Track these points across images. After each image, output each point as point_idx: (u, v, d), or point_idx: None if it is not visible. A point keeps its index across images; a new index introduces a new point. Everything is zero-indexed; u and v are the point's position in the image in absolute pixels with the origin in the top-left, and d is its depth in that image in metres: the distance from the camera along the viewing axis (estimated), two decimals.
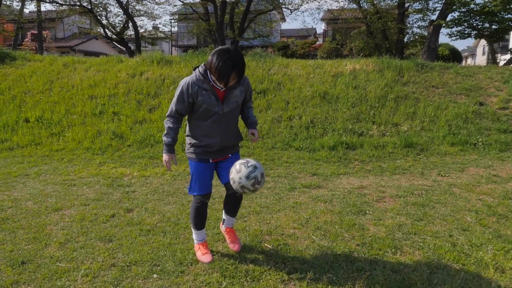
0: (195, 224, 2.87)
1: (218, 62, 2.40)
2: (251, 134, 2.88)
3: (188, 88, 2.57)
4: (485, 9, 13.83)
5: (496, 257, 2.86)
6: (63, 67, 10.38)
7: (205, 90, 2.58)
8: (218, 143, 2.71)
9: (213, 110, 2.62)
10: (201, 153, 2.73)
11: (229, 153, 2.83)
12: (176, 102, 2.63)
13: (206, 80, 2.58)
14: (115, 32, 21.95)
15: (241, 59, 2.47)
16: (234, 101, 2.69)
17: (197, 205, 2.81)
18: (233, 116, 2.75)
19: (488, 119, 7.51)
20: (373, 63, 9.56)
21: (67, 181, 5.07)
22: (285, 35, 36.78)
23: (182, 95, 2.59)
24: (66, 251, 3.03)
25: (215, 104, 2.61)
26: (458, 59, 20.03)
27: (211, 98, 2.59)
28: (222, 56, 2.41)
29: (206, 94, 2.58)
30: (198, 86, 2.57)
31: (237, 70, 2.45)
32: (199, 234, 2.91)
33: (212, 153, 2.75)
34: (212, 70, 2.46)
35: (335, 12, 22.90)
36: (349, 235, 3.30)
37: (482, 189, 4.59)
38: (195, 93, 2.57)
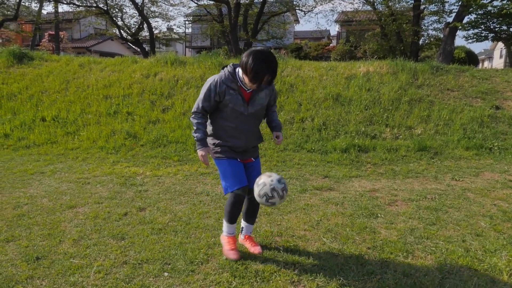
0: (229, 218, 2.83)
1: (254, 63, 2.43)
2: (276, 137, 2.90)
3: (216, 86, 2.59)
4: (503, 11, 13.60)
5: (511, 263, 2.81)
6: (79, 67, 10.56)
7: (233, 90, 2.61)
8: (243, 144, 2.74)
9: (238, 110, 2.64)
10: (228, 151, 2.74)
11: (251, 156, 2.86)
12: (203, 99, 2.63)
13: (235, 80, 2.61)
14: (130, 33, 22.25)
15: (276, 62, 2.51)
16: (259, 103, 2.72)
17: (234, 201, 2.74)
18: (257, 118, 2.79)
19: (504, 123, 7.37)
20: (387, 65, 9.48)
21: (81, 179, 5.16)
22: (299, 37, 36.71)
23: (210, 92, 2.60)
24: (79, 248, 3.08)
25: (241, 104, 2.64)
26: (474, 62, 19.71)
27: (238, 98, 2.62)
28: (258, 57, 2.44)
29: (233, 94, 2.61)
30: (226, 85, 2.59)
31: (271, 72, 2.48)
32: (231, 228, 2.89)
33: (236, 153, 2.77)
34: (248, 70, 2.47)
35: (349, 14, 22.77)
36: (360, 238, 3.28)
37: (497, 194, 4.51)
38: (222, 92, 2.59)
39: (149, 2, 21.86)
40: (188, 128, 7.43)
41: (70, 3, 20.59)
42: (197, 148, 2.70)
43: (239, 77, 2.61)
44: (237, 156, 2.78)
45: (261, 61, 2.44)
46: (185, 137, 7.07)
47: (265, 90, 2.72)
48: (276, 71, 2.52)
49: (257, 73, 2.45)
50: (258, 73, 2.45)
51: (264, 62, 2.44)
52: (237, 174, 2.74)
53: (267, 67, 2.45)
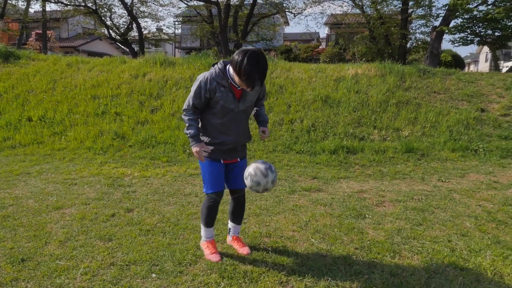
0: (206, 222, 2.88)
1: (246, 65, 2.42)
2: (262, 131, 2.91)
3: (207, 83, 2.58)
4: (488, 16, 13.86)
5: (495, 263, 2.86)
6: (67, 67, 10.43)
7: (223, 87, 2.60)
8: (232, 141, 2.74)
9: (229, 107, 2.64)
10: (214, 152, 2.73)
11: (238, 156, 2.86)
12: (193, 97, 2.62)
13: (225, 77, 2.61)
14: (119, 33, 22.06)
15: (267, 63, 2.52)
16: (249, 100, 2.73)
17: (209, 204, 2.82)
18: (246, 115, 2.80)
19: (489, 125, 7.52)
20: (375, 68, 9.59)
21: (68, 180, 5.09)
22: (288, 38, 36.87)
23: (200, 90, 2.60)
24: (66, 249, 3.04)
25: (231, 101, 2.64)
26: (460, 66, 20.04)
27: (229, 95, 2.62)
28: (251, 59, 2.43)
29: (224, 91, 2.60)
30: (216, 82, 2.59)
31: (262, 75, 2.50)
32: (208, 232, 2.93)
33: (224, 153, 2.76)
34: (240, 72, 2.46)
35: (339, 16, 22.96)
36: (348, 238, 3.30)
37: (482, 195, 4.60)
38: (213, 89, 2.58)
39: (138, 2, 21.70)
40: (177, 129, 7.40)
41: (58, 2, 20.34)
42: (191, 145, 2.68)
43: (230, 74, 2.61)
44: (222, 157, 2.77)
45: (253, 64, 2.43)
46: (174, 138, 7.04)
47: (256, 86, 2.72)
48: (266, 73, 2.54)
49: (249, 76, 2.45)
50: (251, 76, 2.45)
51: (256, 65, 2.45)
52: (216, 178, 2.77)
53: (258, 70, 2.46)
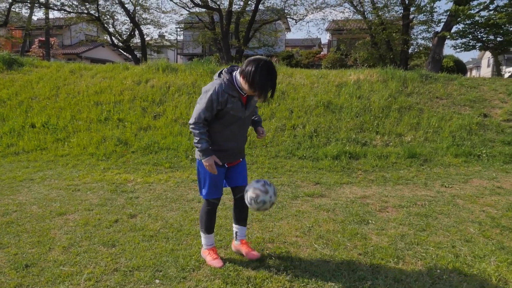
0: (206, 228, 2.89)
1: (259, 76, 2.44)
2: (261, 132, 2.94)
3: (218, 95, 2.55)
4: (490, 21, 13.89)
5: (499, 269, 2.85)
6: (70, 73, 10.50)
7: (233, 97, 2.60)
8: (236, 146, 2.78)
9: (237, 115, 2.67)
10: (219, 158, 2.72)
11: (240, 157, 2.91)
12: (204, 110, 2.58)
13: (234, 87, 2.61)
14: (122, 40, 22.20)
15: (277, 74, 2.55)
16: (253, 105, 2.77)
17: (208, 209, 2.85)
18: (249, 120, 2.85)
19: (492, 130, 7.50)
20: (377, 73, 9.61)
21: (71, 186, 5.11)
22: (290, 44, 37.02)
23: (211, 103, 2.56)
24: (69, 255, 3.04)
25: (240, 109, 2.66)
26: (462, 71, 20.03)
27: (239, 104, 2.64)
28: (263, 70, 2.45)
29: (234, 101, 2.61)
30: (228, 93, 2.58)
31: (274, 85, 2.53)
32: (209, 238, 2.93)
33: (228, 157, 2.79)
34: (254, 83, 2.47)
35: (340, 22, 23.04)
36: (352, 244, 3.30)
37: (485, 200, 4.58)
38: (224, 101, 2.57)
39: (140, 9, 21.85)
40: (179, 135, 7.42)
41: (61, 10, 20.50)
42: (203, 159, 2.65)
43: (237, 83, 2.61)
44: (227, 161, 2.80)
45: (266, 75, 2.45)
46: (177, 143, 7.06)
47: None
48: (276, 83, 2.57)
49: (263, 87, 2.47)
50: (264, 87, 2.47)
51: (269, 76, 2.47)
52: (218, 184, 2.79)
53: (271, 81, 2.49)
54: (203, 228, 2.90)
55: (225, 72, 2.64)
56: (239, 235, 3.03)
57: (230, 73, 2.64)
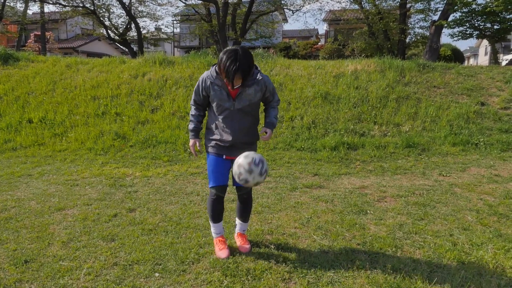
0: (212, 217, 2.96)
1: (225, 62, 2.48)
2: (264, 132, 2.88)
3: (203, 82, 2.76)
4: (487, 9, 13.82)
5: (497, 256, 2.87)
6: (66, 68, 10.44)
7: (217, 86, 2.70)
8: (230, 138, 2.76)
9: (224, 105, 2.72)
10: (216, 147, 2.83)
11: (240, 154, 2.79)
12: (194, 93, 2.86)
13: (219, 76, 2.69)
14: (118, 33, 22.05)
15: (247, 61, 2.49)
16: (246, 99, 2.70)
17: (212, 198, 2.90)
18: (245, 114, 2.76)
19: (489, 119, 7.51)
20: (375, 63, 9.57)
21: (69, 181, 5.10)
22: (287, 36, 36.82)
23: (198, 88, 2.80)
24: (69, 250, 3.05)
25: (225, 100, 2.70)
26: (460, 60, 20.00)
27: (222, 94, 2.70)
28: (229, 56, 2.48)
29: (217, 90, 2.71)
30: (210, 81, 2.72)
31: (241, 72, 2.48)
32: (216, 227, 2.99)
33: (225, 149, 2.82)
34: (220, 69, 2.56)
35: (337, 13, 22.91)
36: (350, 234, 3.31)
37: (483, 188, 4.60)
38: (207, 88, 2.74)
39: (136, 2, 21.70)
40: (177, 128, 7.40)
41: (56, 3, 20.32)
42: (189, 137, 2.92)
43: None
44: (225, 153, 2.82)
45: (232, 60, 2.45)
46: (175, 137, 7.05)
47: (254, 86, 2.69)
48: (247, 71, 2.50)
49: (227, 73, 2.48)
50: (228, 72, 2.47)
51: (234, 62, 2.45)
52: (218, 173, 2.84)
53: (237, 67, 2.45)
54: (209, 217, 2.99)
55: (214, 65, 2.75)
56: (237, 228, 3.12)
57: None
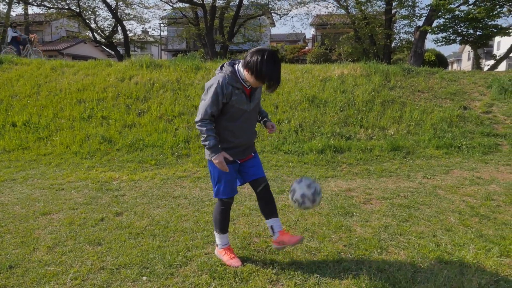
0: (221, 228, 2.84)
1: (265, 66, 2.43)
2: (271, 126, 2.91)
3: (223, 88, 2.51)
4: (469, 15, 14.17)
5: (478, 256, 2.95)
6: (51, 71, 10.30)
7: (238, 89, 2.56)
8: (246, 141, 2.74)
9: (243, 108, 2.62)
10: (231, 154, 2.67)
11: (251, 151, 2.86)
12: (210, 105, 2.51)
13: (238, 79, 2.57)
14: (104, 36, 21.87)
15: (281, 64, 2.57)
16: (257, 98, 2.73)
17: (223, 208, 2.80)
18: (256, 113, 2.80)
19: (472, 122, 7.69)
20: (361, 68, 9.71)
21: (55, 186, 5.04)
22: (275, 39, 37.03)
23: (217, 96, 2.51)
24: (54, 255, 3.02)
25: (245, 102, 2.62)
26: (444, 65, 20.40)
27: (242, 97, 2.60)
28: (269, 59, 2.44)
29: (238, 94, 2.57)
30: (232, 85, 2.54)
31: (280, 74, 2.53)
32: (224, 238, 2.88)
33: (239, 153, 2.73)
34: (261, 73, 2.45)
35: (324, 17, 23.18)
36: (336, 236, 3.36)
37: (465, 190, 4.71)
38: (229, 93, 2.53)
39: (123, 5, 21.53)
40: (164, 131, 7.38)
41: (41, 5, 20.06)
42: (212, 157, 2.57)
43: (240, 75, 2.58)
44: (239, 157, 2.74)
45: (272, 64, 2.45)
46: (162, 140, 7.02)
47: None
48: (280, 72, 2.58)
49: (271, 77, 2.47)
50: (272, 76, 2.47)
51: (275, 65, 2.47)
52: (232, 182, 2.74)
53: (278, 71, 2.49)
54: (217, 228, 2.84)
55: (227, 65, 2.60)
56: (275, 228, 2.85)
57: (232, 66, 2.60)
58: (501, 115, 7.93)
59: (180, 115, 7.96)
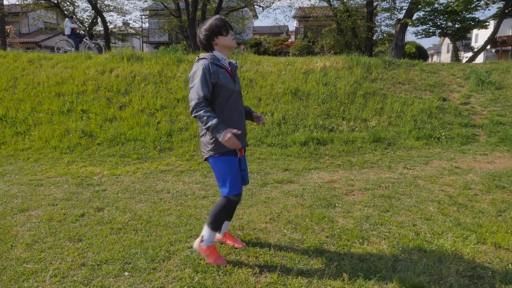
0: (218, 226, 2.71)
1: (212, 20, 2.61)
2: (258, 117, 2.94)
3: (209, 68, 2.52)
4: (448, 8, 14.41)
5: (456, 244, 3.02)
6: (28, 63, 10.01)
7: (221, 68, 2.61)
8: (241, 123, 2.72)
9: (230, 87, 2.62)
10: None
11: (245, 144, 2.80)
12: (201, 87, 2.47)
13: (219, 60, 2.63)
14: (84, 27, 21.33)
15: None
16: (238, 81, 2.79)
17: (229, 206, 2.66)
18: (241, 96, 2.80)
19: (450, 114, 7.85)
20: (343, 60, 9.77)
21: (33, 181, 4.93)
22: (258, 32, 36.84)
23: (205, 77, 2.50)
24: (33, 252, 2.96)
25: (230, 81, 2.64)
26: (424, 57, 20.72)
27: (227, 75, 2.62)
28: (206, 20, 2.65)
29: (223, 72, 2.60)
30: (215, 64, 2.58)
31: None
32: (214, 236, 2.75)
33: (240, 137, 2.56)
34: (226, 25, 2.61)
35: (306, 10, 23.19)
36: (319, 227, 3.39)
37: (444, 180, 4.82)
38: (215, 72, 2.54)
39: None
40: (146, 125, 7.28)
41: None
42: (218, 136, 2.42)
43: (218, 56, 2.64)
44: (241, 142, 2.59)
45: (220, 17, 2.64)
46: (144, 134, 6.93)
47: (236, 67, 2.79)
48: None
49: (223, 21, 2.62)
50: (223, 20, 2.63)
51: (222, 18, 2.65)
52: (238, 176, 2.64)
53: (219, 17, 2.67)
54: (212, 225, 2.68)
55: (202, 54, 2.66)
56: (223, 228, 2.98)
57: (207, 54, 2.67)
58: (478, 106, 8.12)
59: (162, 108, 7.86)
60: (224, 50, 2.66)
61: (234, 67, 2.76)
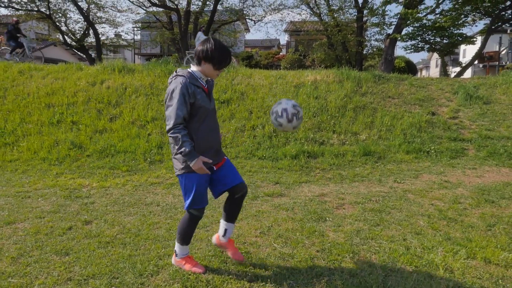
0: (186, 240, 2.79)
1: (218, 49, 2.54)
2: None
3: (187, 88, 2.51)
4: (436, 24, 14.74)
5: (446, 259, 3.03)
6: (18, 74, 9.94)
7: (199, 88, 2.59)
8: (216, 141, 2.74)
9: (206, 107, 2.62)
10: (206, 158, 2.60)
11: (223, 155, 2.85)
12: (180, 107, 2.47)
13: (196, 79, 2.61)
14: (75, 39, 21.33)
15: None
16: (213, 98, 2.78)
17: (193, 221, 2.73)
18: (215, 113, 2.81)
19: (439, 128, 7.95)
20: (333, 74, 9.88)
21: (21, 193, 4.84)
22: (249, 45, 37.18)
23: (184, 97, 2.49)
24: (18, 266, 2.89)
25: (207, 100, 2.65)
26: (413, 71, 21.08)
27: (203, 95, 2.63)
28: (216, 44, 2.55)
29: (200, 92, 2.59)
30: (193, 84, 2.56)
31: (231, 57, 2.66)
32: (185, 249, 2.83)
33: (214, 155, 2.69)
34: (214, 57, 2.53)
35: (298, 24, 23.50)
36: (310, 241, 3.38)
37: (434, 194, 4.85)
38: (193, 92, 2.54)
39: (95, 8, 21.08)
40: (137, 137, 7.24)
41: (9, 7, 19.35)
42: (189, 162, 2.50)
43: (196, 75, 2.63)
44: (214, 159, 2.69)
45: (222, 46, 2.57)
46: (134, 146, 6.89)
47: (212, 84, 2.78)
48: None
49: (224, 58, 2.57)
50: (225, 57, 2.57)
51: (224, 47, 2.59)
52: (203, 192, 2.68)
53: (228, 51, 2.60)
54: (181, 240, 2.77)
55: (181, 71, 2.63)
56: (228, 232, 2.92)
57: (186, 70, 2.65)
58: (467, 121, 8.24)
59: (153, 120, 7.84)
60: (205, 73, 2.64)
61: (211, 85, 2.75)
